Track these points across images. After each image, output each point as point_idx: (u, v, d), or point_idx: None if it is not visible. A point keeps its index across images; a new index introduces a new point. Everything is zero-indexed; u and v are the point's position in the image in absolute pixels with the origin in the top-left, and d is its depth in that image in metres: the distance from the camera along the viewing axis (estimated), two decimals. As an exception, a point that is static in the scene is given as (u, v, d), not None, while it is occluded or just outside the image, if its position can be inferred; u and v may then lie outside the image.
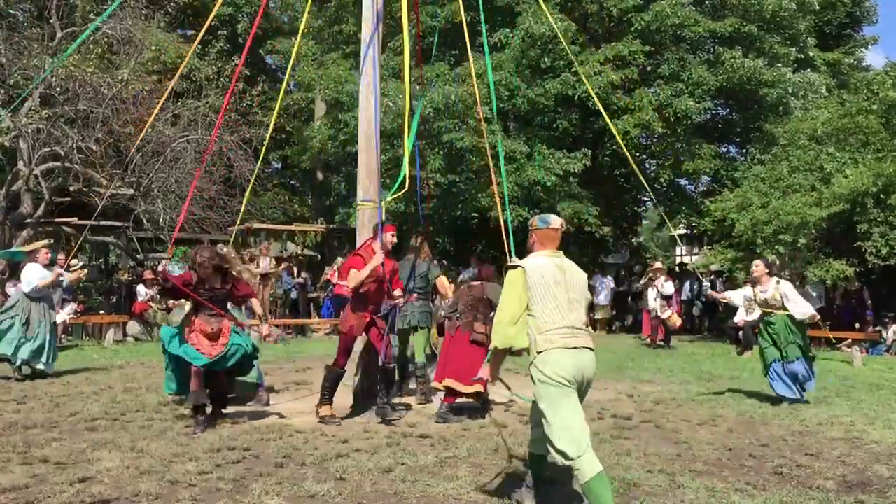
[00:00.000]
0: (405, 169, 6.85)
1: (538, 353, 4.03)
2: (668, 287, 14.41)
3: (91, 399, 7.53)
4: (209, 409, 6.34)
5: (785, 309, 7.83)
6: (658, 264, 16.00)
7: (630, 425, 6.53)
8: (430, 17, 17.84)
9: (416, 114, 8.64)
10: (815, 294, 15.29)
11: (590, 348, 4.10)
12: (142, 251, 17.53)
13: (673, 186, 20.02)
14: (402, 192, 7.33)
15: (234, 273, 6.77)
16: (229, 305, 6.86)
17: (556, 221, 4.33)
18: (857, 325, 14.69)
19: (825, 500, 4.42)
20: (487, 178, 16.82)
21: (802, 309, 7.80)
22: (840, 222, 14.01)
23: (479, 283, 7.38)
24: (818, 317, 8.14)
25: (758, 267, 8.13)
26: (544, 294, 4.11)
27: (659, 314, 14.08)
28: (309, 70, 19.29)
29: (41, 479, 4.60)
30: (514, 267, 4.21)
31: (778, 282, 7.97)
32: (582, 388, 4.06)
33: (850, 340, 13.92)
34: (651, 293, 15.15)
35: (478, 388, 6.85)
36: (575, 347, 4.03)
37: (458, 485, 4.58)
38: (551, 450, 3.95)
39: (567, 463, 3.86)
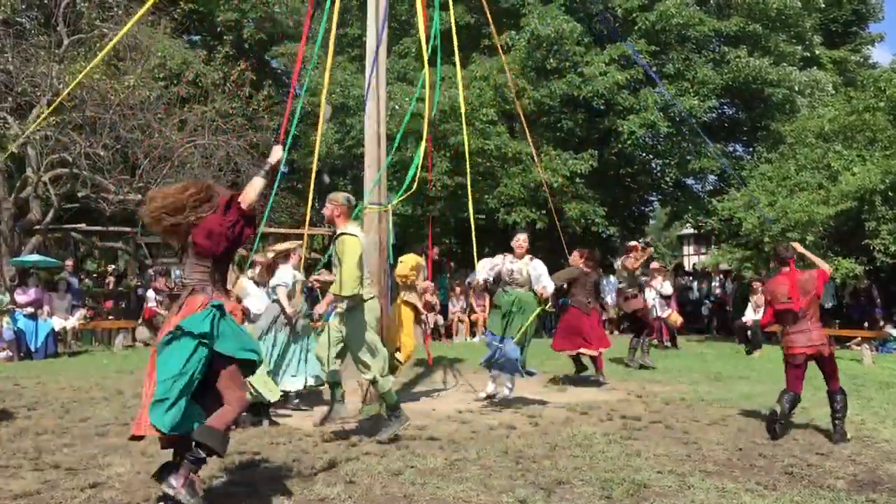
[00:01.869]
0: (417, 159, 7.02)
1: (363, 300, 5.87)
2: (667, 287, 14.32)
3: (101, 404, 7.56)
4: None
5: (528, 286, 7.68)
6: (655, 264, 15.90)
7: (639, 426, 6.52)
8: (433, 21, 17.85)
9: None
10: (827, 293, 15.25)
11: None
12: (150, 256, 17.59)
13: (679, 186, 19.98)
14: (409, 193, 7.38)
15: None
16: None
17: (353, 199, 6.07)
18: (867, 324, 14.63)
19: (836, 500, 4.40)
20: (494, 180, 16.85)
21: (545, 282, 7.65)
22: (848, 220, 13.94)
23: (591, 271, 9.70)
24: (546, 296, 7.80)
25: (523, 241, 7.85)
26: (364, 256, 5.88)
27: (659, 314, 14.03)
28: (315, 74, 19.29)
29: (52, 484, 4.63)
30: (354, 235, 5.79)
31: (531, 259, 7.78)
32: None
33: (859, 339, 13.86)
34: (650, 294, 15.07)
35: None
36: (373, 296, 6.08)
37: (468, 487, 4.58)
38: (358, 364, 5.90)
39: (368, 376, 5.88)
